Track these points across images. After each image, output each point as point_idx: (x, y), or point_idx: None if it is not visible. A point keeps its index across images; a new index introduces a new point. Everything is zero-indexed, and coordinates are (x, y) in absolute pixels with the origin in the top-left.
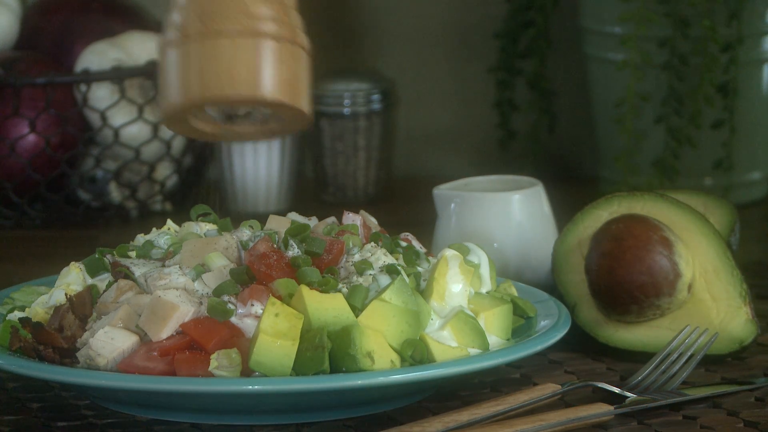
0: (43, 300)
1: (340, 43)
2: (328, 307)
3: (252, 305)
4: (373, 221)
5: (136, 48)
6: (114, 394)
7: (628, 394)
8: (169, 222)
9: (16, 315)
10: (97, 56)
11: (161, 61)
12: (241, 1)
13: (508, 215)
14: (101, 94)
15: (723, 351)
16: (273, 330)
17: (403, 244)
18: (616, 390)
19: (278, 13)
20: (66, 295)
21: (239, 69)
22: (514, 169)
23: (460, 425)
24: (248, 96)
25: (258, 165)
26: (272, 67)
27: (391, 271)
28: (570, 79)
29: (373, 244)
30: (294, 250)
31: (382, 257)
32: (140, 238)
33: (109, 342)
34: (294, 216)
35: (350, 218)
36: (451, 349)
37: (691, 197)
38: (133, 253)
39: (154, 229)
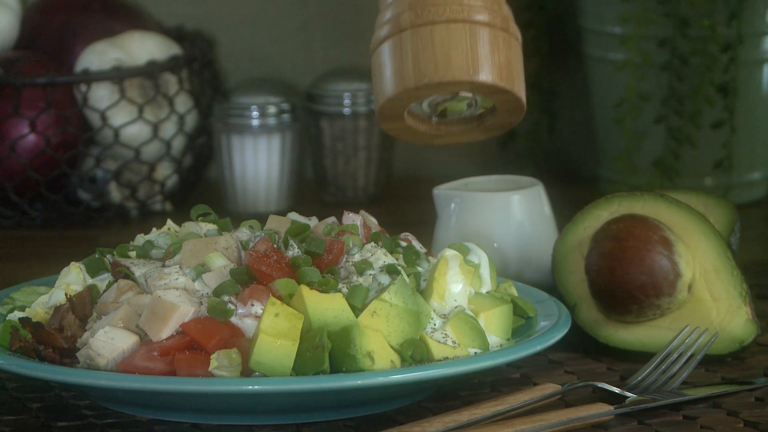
0: (43, 300)
1: (340, 43)
2: (328, 307)
3: (252, 305)
4: (373, 221)
5: (136, 48)
6: (114, 394)
7: (628, 394)
8: (169, 222)
9: (16, 315)
10: (97, 56)
11: (374, 61)
12: None
13: (508, 215)
14: (101, 94)
15: (723, 351)
16: (273, 330)
17: (403, 244)
18: (616, 390)
19: (490, 3)
20: (66, 295)
21: (454, 54)
22: (514, 169)
23: (460, 425)
24: (464, 80)
25: (258, 165)
26: (487, 52)
27: (391, 271)
28: (570, 79)
29: (373, 244)
30: (294, 250)
31: (382, 257)
32: (140, 238)
33: (109, 342)
34: (294, 216)
35: (350, 218)
36: (451, 349)
37: (691, 197)
38: (133, 253)
39: (154, 229)
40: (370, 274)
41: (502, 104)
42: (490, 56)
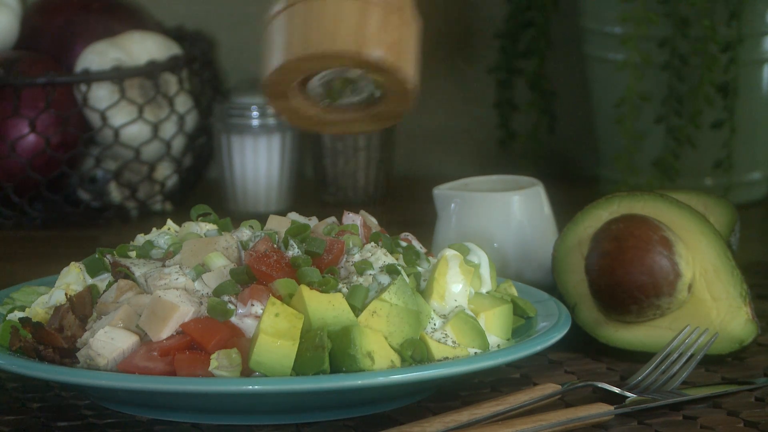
0: (43, 300)
1: None
2: (328, 307)
3: (252, 305)
4: (373, 221)
5: (136, 48)
6: (114, 394)
7: (628, 394)
8: (169, 222)
9: (16, 315)
10: (97, 56)
11: (266, 36)
12: None
13: (508, 215)
14: (101, 94)
15: (723, 351)
16: (273, 330)
17: (403, 244)
18: (616, 390)
19: None
20: (66, 295)
21: (342, 27)
22: (514, 169)
23: (460, 425)
24: (349, 52)
25: (258, 165)
26: (376, 29)
27: (391, 271)
28: (570, 79)
29: (373, 244)
30: (294, 250)
31: (382, 257)
32: (140, 238)
33: (109, 342)
34: (294, 216)
35: (350, 218)
36: (451, 349)
37: (691, 197)
38: (133, 253)
39: (154, 229)
40: (370, 274)
41: (391, 86)
42: (378, 33)
